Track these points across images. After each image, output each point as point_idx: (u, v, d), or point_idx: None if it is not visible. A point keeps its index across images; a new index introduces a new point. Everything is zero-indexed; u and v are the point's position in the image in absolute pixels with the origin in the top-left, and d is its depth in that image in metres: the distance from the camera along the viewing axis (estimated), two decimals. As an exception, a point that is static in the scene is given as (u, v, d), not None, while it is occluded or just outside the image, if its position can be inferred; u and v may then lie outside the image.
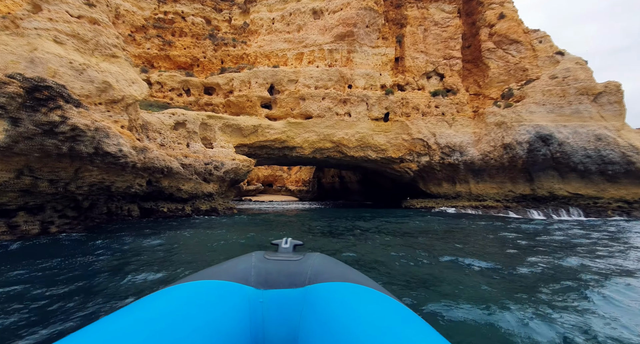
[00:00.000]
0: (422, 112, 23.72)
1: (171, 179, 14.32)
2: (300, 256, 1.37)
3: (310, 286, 1.16)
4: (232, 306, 1.07)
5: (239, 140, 21.95)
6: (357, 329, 0.87)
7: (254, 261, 1.31)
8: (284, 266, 1.27)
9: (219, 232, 9.43)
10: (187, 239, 8.06)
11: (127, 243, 7.38)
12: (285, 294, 1.15)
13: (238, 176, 20.47)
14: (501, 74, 24.49)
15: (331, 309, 1.01)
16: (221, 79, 23.82)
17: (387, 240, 8.49)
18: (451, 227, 12.11)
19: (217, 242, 7.79)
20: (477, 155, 22.35)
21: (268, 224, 12.83)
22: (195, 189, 15.53)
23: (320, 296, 1.10)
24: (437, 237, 9.14)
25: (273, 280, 1.20)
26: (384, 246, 7.44)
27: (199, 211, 15.03)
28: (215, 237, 8.44)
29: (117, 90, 12.38)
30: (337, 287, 1.13)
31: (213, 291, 1.10)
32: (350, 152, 23.96)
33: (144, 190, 13.11)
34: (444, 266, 5.56)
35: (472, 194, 22.71)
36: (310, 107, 22.99)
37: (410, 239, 8.78)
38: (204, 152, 19.20)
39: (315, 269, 1.26)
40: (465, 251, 6.99)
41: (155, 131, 17.39)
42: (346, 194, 44.57)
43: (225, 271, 1.24)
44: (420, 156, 23.78)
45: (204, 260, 5.90)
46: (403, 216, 16.61)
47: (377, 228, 11.16)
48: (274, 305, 1.13)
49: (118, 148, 9.42)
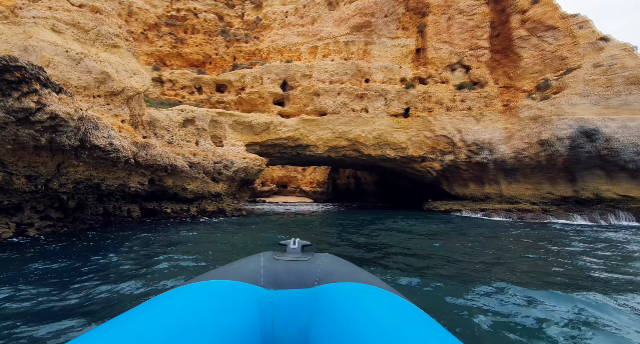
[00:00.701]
0: (446, 106, 21.69)
1: (175, 178, 13.25)
2: (309, 256, 1.36)
3: (320, 286, 1.16)
4: (242, 306, 1.07)
5: (250, 138, 20.80)
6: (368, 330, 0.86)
7: (263, 261, 1.30)
8: (293, 266, 1.26)
9: (218, 237, 8.10)
10: (175, 249, 6.74)
11: (106, 249, 6.15)
12: (294, 295, 1.16)
13: (249, 175, 19.29)
14: (535, 64, 22.05)
15: (342, 310, 1.01)
16: (232, 76, 22.84)
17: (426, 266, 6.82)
18: (497, 235, 10.21)
19: (212, 254, 6.42)
20: (508, 153, 20.06)
21: (276, 229, 11.42)
22: (202, 188, 14.40)
23: (331, 296, 1.10)
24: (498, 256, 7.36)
25: (282, 280, 1.19)
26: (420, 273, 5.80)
27: (205, 212, 13.87)
28: (210, 247, 7.09)
29: (116, 81, 11.40)
30: (347, 287, 1.12)
31: (223, 291, 1.10)
32: (367, 150, 22.27)
33: (145, 189, 12.06)
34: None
35: (503, 196, 20.40)
36: (324, 103, 21.54)
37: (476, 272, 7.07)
38: (213, 151, 18.15)
39: (325, 269, 1.26)
40: (563, 280, 5.23)
41: (163, 128, 16.48)
42: (362, 196, 42.73)
43: (234, 271, 1.23)
44: (444, 154, 21.72)
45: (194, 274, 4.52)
46: (429, 221, 14.76)
47: (401, 242, 9.47)
48: (284, 305, 1.13)
49: (108, 141, 8.31)
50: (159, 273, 4.66)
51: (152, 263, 5.26)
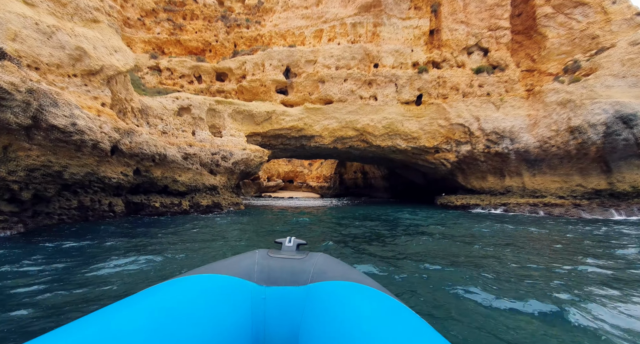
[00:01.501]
0: (463, 92, 19.71)
1: (165, 169, 11.87)
2: (304, 255, 1.35)
3: (313, 284, 1.16)
4: (235, 301, 1.06)
5: (251, 128, 19.32)
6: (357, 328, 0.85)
7: (258, 258, 1.29)
8: (287, 264, 1.25)
9: (205, 236, 6.63)
10: (147, 249, 5.30)
11: (44, 259, 4.74)
12: (287, 292, 1.15)
13: (249, 167, 17.85)
14: (562, 44, 19.81)
15: (333, 308, 1.00)
16: (233, 63, 21.32)
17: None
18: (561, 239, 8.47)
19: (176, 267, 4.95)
20: (532, 142, 18.04)
21: (273, 227, 9.92)
22: (195, 180, 13.01)
23: (323, 294, 1.09)
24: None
25: (276, 277, 1.19)
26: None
27: (198, 207, 12.49)
28: (193, 248, 5.62)
29: (93, 58, 9.99)
30: (340, 286, 1.12)
31: (216, 285, 1.08)
32: (376, 141, 20.54)
33: (130, 181, 10.71)
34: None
35: (526, 189, 18.43)
36: (330, 90, 19.85)
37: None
38: (211, 141, 16.74)
39: (318, 268, 1.25)
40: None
41: (156, 116, 15.11)
42: (369, 191, 41.02)
43: (228, 266, 1.22)
44: (460, 144, 19.82)
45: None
46: (452, 220, 13.04)
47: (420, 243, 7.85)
48: (276, 302, 1.13)
49: (70, 121, 6.91)
50: (102, 281, 3.19)
51: (93, 270, 3.81)
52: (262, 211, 15.06)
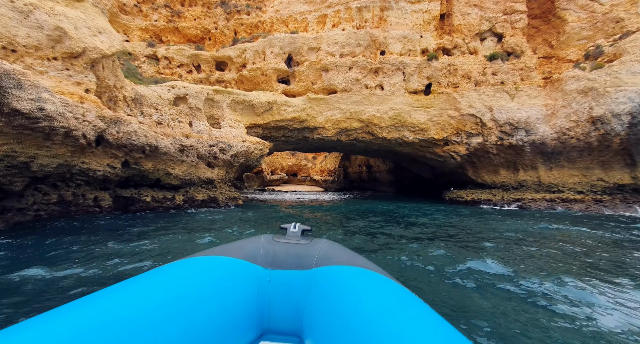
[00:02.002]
0: (475, 81, 18.44)
1: (157, 161, 11.06)
2: (308, 240, 1.35)
3: (317, 269, 1.17)
4: (241, 282, 1.08)
5: (252, 119, 18.39)
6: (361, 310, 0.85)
7: (263, 242, 1.30)
8: (291, 249, 1.26)
9: (192, 235, 5.80)
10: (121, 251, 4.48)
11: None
12: (292, 275, 1.17)
13: (249, 160, 16.99)
14: (583, 29, 18.33)
15: (336, 291, 1.00)
16: (233, 51, 20.27)
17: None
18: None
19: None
20: (549, 133, 16.81)
21: (272, 224, 9.08)
22: (190, 174, 12.19)
23: (326, 278, 1.10)
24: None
25: (281, 261, 1.21)
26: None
27: (193, 202, 11.70)
28: (169, 251, 4.78)
29: (74, 40, 9.09)
30: (343, 270, 1.11)
31: (223, 267, 1.09)
32: (382, 133, 19.47)
33: (118, 173, 9.92)
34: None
35: (541, 184, 17.28)
36: (334, 79, 18.74)
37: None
38: (209, 133, 15.88)
39: (323, 253, 1.25)
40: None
41: (150, 106, 14.24)
42: (374, 185, 40.03)
43: (235, 249, 1.23)
44: (471, 136, 18.65)
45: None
46: (470, 217, 12.07)
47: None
48: (281, 285, 1.15)
49: (37, 106, 6.07)
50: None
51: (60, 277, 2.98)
52: (261, 206, 14.24)
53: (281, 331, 1.11)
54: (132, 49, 20.27)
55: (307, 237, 1.39)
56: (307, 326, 1.02)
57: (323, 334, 0.91)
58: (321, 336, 0.92)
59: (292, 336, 1.10)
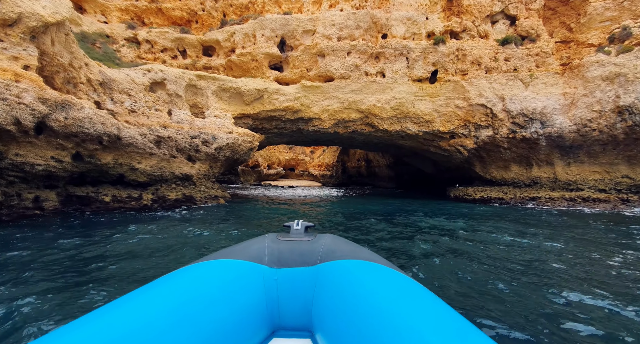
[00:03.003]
0: (486, 67, 16.56)
1: (118, 153, 9.29)
2: (312, 236, 1.35)
3: (322, 264, 1.17)
4: (249, 283, 1.08)
5: (240, 109, 16.57)
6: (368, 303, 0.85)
7: (267, 241, 1.30)
8: (296, 246, 1.26)
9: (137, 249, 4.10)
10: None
11: None
12: (298, 272, 1.16)
13: (237, 154, 15.22)
14: (607, 9, 16.38)
15: (343, 285, 1.01)
16: (221, 35, 18.31)
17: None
18: None
19: None
20: (568, 125, 15.03)
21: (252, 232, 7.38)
22: (160, 168, 10.44)
23: (332, 273, 1.10)
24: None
25: (286, 259, 1.20)
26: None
27: (164, 201, 9.98)
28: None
29: (6, 3, 7.23)
30: (349, 264, 1.11)
31: (230, 269, 1.09)
32: (383, 124, 17.68)
33: (66, 168, 8.17)
34: None
35: (557, 181, 15.58)
36: (331, 65, 16.86)
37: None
38: (190, 123, 14.08)
39: (327, 248, 1.25)
40: None
41: (122, 91, 12.40)
42: (373, 180, 38.38)
43: (240, 251, 1.23)
44: (480, 128, 16.88)
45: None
46: (496, 220, 10.38)
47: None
48: (288, 282, 1.14)
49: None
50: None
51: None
52: (246, 206, 12.55)
53: (292, 327, 1.11)
54: (110, 31, 18.29)
55: (311, 234, 1.38)
56: (316, 320, 1.04)
57: (333, 327, 0.93)
58: (331, 328, 0.93)
59: (303, 331, 1.11)
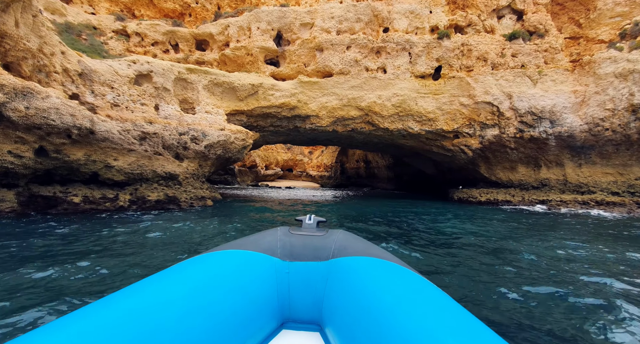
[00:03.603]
0: (492, 63, 15.70)
1: (90, 149, 8.27)
2: (324, 231, 1.34)
3: (335, 260, 1.16)
4: (261, 275, 1.09)
5: (233, 105, 15.59)
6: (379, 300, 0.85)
7: (280, 235, 1.30)
8: (308, 241, 1.26)
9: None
10: None
11: None
12: (310, 267, 1.16)
13: (229, 152, 14.22)
14: (617, 5, 15.58)
15: (355, 281, 1.00)
16: (214, 28, 17.35)
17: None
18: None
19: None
20: (579, 124, 14.18)
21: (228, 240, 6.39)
22: (140, 166, 9.42)
23: (344, 269, 1.09)
24: None
25: (298, 253, 1.20)
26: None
27: (144, 202, 8.96)
28: None
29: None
30: (361, 261, 1.10)
31: (243, 260, 1.10)
32: (384, 123, 16.76)
33: (28, 165, 7.15)
34: None
35: (567, 183, 14.69)
36: (329, 60, 15.93)
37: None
38: (179, 118, 13.08)
39: (339, 244, 1.24)
40: None
41: (104, 83, 11.38)
42: (372, 181, 37.47)
43: (253, 243, 1.23)
44: (486, 127, 15.99)
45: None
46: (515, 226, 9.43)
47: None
48: (300, 276, 1.15)
49: None
50: None
51: None
52: (234, 209, 11.53)
53: (301, 319, 1.12)
54: (98, 22, 17.28)
55: (323, 229, 1.37)
56: (326, 315, 1.04)
57: (343, 322, 0.93)
58: (341, 324, 0.93)
59: (312, 324, 1.11)
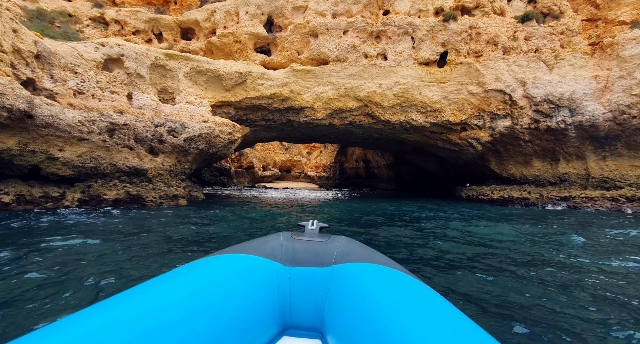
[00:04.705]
0: (503, 48, 14.17)
1: (28, 136, 6.71)
2: (326, 237, 1.33)
3: (337, 266, 1.14)
4: (262, 280, 1.06)
5: (219, 95, 14.03)
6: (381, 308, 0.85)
7: (282, 240, 1.29)
8: (310, 246, 1.24)
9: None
10: None
11: None
12: (312, 272, 1.14)
13: (214, 147, 12.64)
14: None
15: (357, 288, 0.99)
16: (200, 14, 15.85)
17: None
18: None
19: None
20: (601, 112, 12.62)
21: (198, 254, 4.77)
22: (95, 159, 7.84)
23: (347, 276, 1.08)
24: None
25: (300, 258, 1.18)
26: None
27: (99, 202, 7.36)
28: None
29: None
30: (363, 267, 1.09)
31: (244, 264, 1.08)
32: (385, 114, 15.20)
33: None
34: None
35: (590, 177, 13.10)
36: (325, 46, 14.40)
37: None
38: (155, 109, 11.50)
39: (341, 250, 1.22)
40: None
41: (65, 67, 9.81)
42: (372, 181, 35.87)
43: (255, 247, 1.22)
44: (497, 118, 14.43)
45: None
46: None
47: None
48: (301, 281, 1.12)
49: None
50: None
51: None
52: (210, 211, 9.92)
53: (302, 326, 1.11)
54: (74, 9, 15.78)
55: (325, 235, 1.35)
56: (328, 322, 1.02)
57: (344, 329, 0.91)
58: (343, 331, 0.92)
59: (313, 331, 1.10)
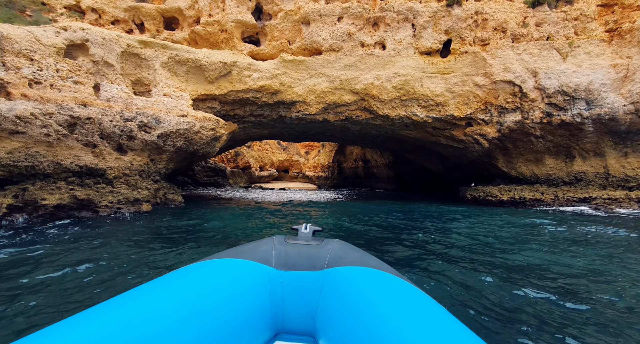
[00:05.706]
0: (512, 35, 12.86)
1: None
2: (320, 241, 1.32)
3: (329, 270, 1.14)
4: (254, 284, 1.05)
5: (202, 88, 12.71)
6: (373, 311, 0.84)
7: (275, 243, 1.27)
8: (303, 250, 1.23)
9: None
10: None
11: None
12: (304, 276, 1.13)
13: (194, 144, 11.32)
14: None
15: (349, 292, 0.98)
16: (183, 2, 14.53)
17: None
18: None
19: None
20: (622, 105, 11.31)
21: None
22: (32, 156, 6.50)
23: (339, 279, 1.07)
24: None
25: (293, 262, 1.17)
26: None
27: (36, 209, 6.03)
28: None
29: None
30: (356, 271, 1.09)
31: (236, 269, 1.07)
32: (384, 109, 13.88)
33: None
34: None
35: (610, 176, 11.78)
36: (318, 34, 13.09)
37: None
38: (126, 101, 10.17)
39: (334, 253, 1.22)
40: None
41: (19, 54, 8.51)
42: (371, 181, 34.59)
43: (247, 252, 1.20)
44: (505, 112, 13.12)
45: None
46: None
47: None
48: (294, 285, 1.11)
49: None
50: None
51: None
52: (180, 219, 8.59)
53: (295, 331, 1.09)
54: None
55: (319, 238, 1.34)
56: (320, 326, 1.01)
57: (337, 334, 0.90)
58: (335, 336, 0.91)
59: (306, 335, 1.08)
